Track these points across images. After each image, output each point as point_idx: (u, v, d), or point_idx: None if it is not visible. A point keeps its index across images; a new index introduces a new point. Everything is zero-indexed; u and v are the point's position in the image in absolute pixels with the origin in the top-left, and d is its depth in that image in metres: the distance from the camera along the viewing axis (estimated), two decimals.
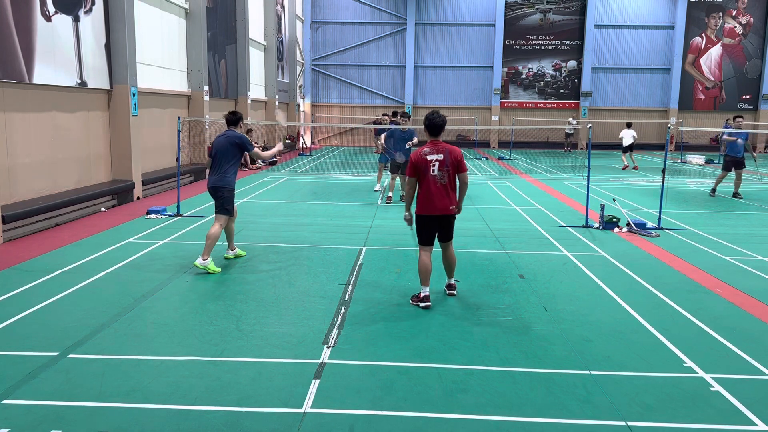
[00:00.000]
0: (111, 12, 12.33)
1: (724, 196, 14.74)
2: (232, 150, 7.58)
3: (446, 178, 6.18)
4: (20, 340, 5.13)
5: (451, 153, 6.20)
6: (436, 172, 6.16)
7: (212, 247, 7.34)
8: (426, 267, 6.25)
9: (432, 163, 6.16)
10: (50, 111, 10.54)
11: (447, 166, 6.17)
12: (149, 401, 4.12)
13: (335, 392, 4.30)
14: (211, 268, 7.31)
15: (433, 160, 6.16)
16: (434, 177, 6.16)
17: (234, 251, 8.12)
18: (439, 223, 6.29)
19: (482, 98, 33.45)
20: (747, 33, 32.68)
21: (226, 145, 7.58)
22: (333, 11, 33.15)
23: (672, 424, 3.95)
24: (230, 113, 7.83)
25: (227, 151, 7.58)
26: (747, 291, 6.87)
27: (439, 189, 6.17)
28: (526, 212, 12.00)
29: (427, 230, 6.31)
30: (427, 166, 6.17)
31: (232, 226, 8.02)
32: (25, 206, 9.33)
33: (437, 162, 6.16)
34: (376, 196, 13.87)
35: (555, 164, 23.33)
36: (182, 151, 15.47)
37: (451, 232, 6.45)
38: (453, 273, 6.65)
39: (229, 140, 7.57)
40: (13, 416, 3.90)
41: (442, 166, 6.17)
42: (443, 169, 6.17)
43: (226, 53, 20.07)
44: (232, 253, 8.09)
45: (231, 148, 7.57)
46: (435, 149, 6.21)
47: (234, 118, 7.81)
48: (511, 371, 4.69)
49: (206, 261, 7.29)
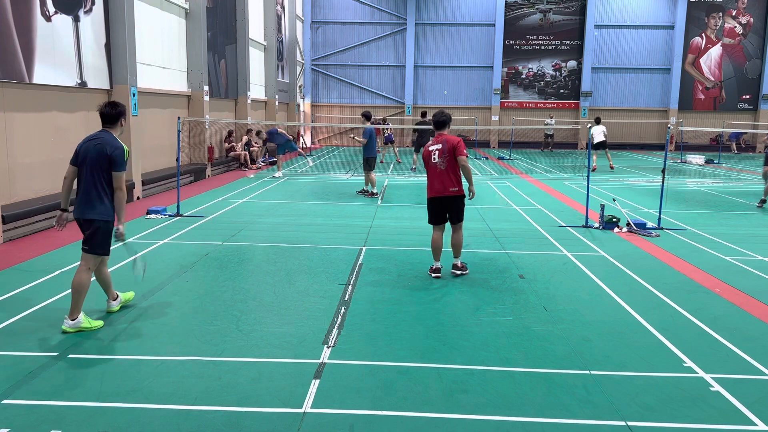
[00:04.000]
0: (111, 12, 12.33)
1: (728, 197, 14.73)
2: (103, 164, 5.33)
3: (445, 164, 7.11)
4: (20, 340, 5.13)
5: (447, 142, 7.15)
6: (437, 160, 7.17)
7: (81, 302, 5.36)
8: (435, 244, 7.30)
9: (433, 153, 7.20)
10: (50, 111, 10.54)
11: (445, 153, 7.11)
12: (149, 401, 4.12)
13: (335, 392, 4.30)
14: (87, 326, 5.35)
15: (434, 150, 7.19)
16: (435, 164, 7.18)
17: (118, 299, 5.90)
18: (442, 204, 7.23)
19: (482, 98, 33.45)
20: (747, 33, 32.67)
21: (95, 155, 5.33)
22: (333, 11, 33.15)
23: (672, 424, 3.95)
24: (108, 105, 5.55)
25: (96, 165, 5.33)
26: (747, 291, 6.87)
27: (440, 174, 7.15)
28: (526, 212, 12.00)
29: (434, 210, 7.32)
30: (430, 155, 7.22)
31: (106, 270, 5.73)
32: (25, 206, 9.33)
33: (437, 151, 7.17)
34: (375, 197, 13.87)
35: (555, 164, 23.33)
36: (182, 151, 15.47)
37: (458, 215, 7.30)
38: (459, 254, 7.39)
39: (100, 150, 5.33)
40: (13, 416, 3.90)
41: (441, 154, 7.14)
42: (442, 156, 7.13)
43: (226, 53, 20.07)
44: (116, 304, 5.87)
45: (100, 160, 5.32)
46: (437, 141, 7.25)
47: (113, 112, 5.50)
48: (511, 371, 4.69)
49: (77, 320, 5.30)
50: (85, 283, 5.37)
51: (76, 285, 5.35)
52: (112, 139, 5.44)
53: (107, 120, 5.52)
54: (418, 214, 11.71)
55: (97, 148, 5.34)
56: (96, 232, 5.39)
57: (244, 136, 20.50)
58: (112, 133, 5.52)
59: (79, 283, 5.35)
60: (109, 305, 5.85)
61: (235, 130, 20.69)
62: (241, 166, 19.96)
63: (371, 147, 13.74)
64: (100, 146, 5.34)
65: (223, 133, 19.95)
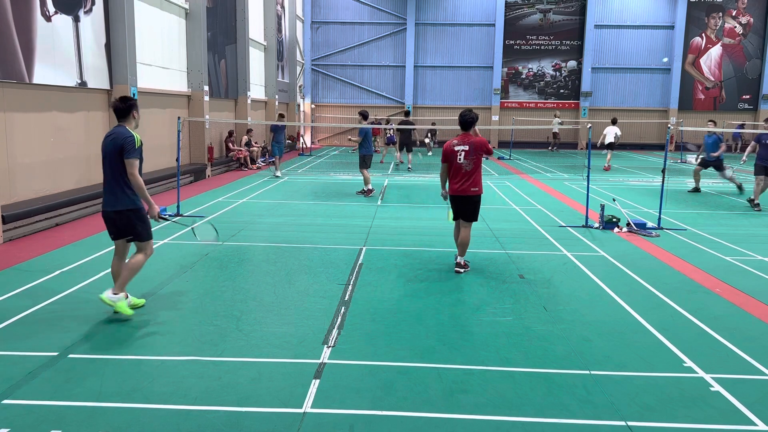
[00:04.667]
0: (111, 12, 12.33)
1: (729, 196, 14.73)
2: (118, 156, 5.57)
3: (471, 166, 7.35)
4: (20, 340, 5.13)
5: (474, 144, 7.35)
6: (462, 161, 7.36)
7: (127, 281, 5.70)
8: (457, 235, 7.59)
9: (459, 153, 7.37)
10: (50, 111, 10.54)
11: (472, 155, 7.33)
12: (149, 401, 4.12)
13: (335, 392, 4.30)
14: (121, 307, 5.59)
15: (460, 151, 7.37)
16: (460, 164, 7.37)
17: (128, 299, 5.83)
18: (463, 202, 7.45)
19: (482, 98, 33.44)
20: (747, 33, 32.67)
21: (111, 149, 5.59)
22: (333, 11, 33.14)
23: (672, 424, 3.95)
24: (119, 99, 5.74)
25: (114, 158, 5.59)
26: (747, 291, 6.87)
27: (464, 174, 7.36)
28: (526, 212, 12.00)
29: (456, 207, 7.58)
30: (455, 155, 7.39)
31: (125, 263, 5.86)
32: (25, 206, 9.33)
33: (463, 152, 7.36)
34: (375, 197, 13.87)
35: (555, 164, 23.33)
36: (182, 151, 15.47)
37: (473, 214, 7.51)
38: (464, 252, 7.54)
39: (114, 143, 5.58)
40: (13, 416, 3.90)
41: (468, 155, 7.34)
42: (468, 158, 7.34)
43: (226, 53, 20.07)
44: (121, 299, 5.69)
45: (115, 153, 5.56)
46: (462, 141, 7.42)
47: (124, 106, 5.68)
48: (511, 371, 4.69)
49: (119, 296, 5.59)
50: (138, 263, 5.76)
51: (131, 264, 5.73)
52: (124, 130, 5.66)
53: (120, 114, 5.73)
54: (418, 214, 11.71)
55: (112, 142, 5.60)
56: (129, 221, 5.70)
57: (244, 136, 20.49)
58: (126, 126, 5.73)
59: (134, 264, 5.74)
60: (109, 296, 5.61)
61: (236, 130, 20.69)
62: (241, 166, 19.96)
63: (366, 145, 13.84)
64: (114, 140, 5.60)
65: (224, 133, 19.94)
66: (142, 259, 5.82)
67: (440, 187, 7.77)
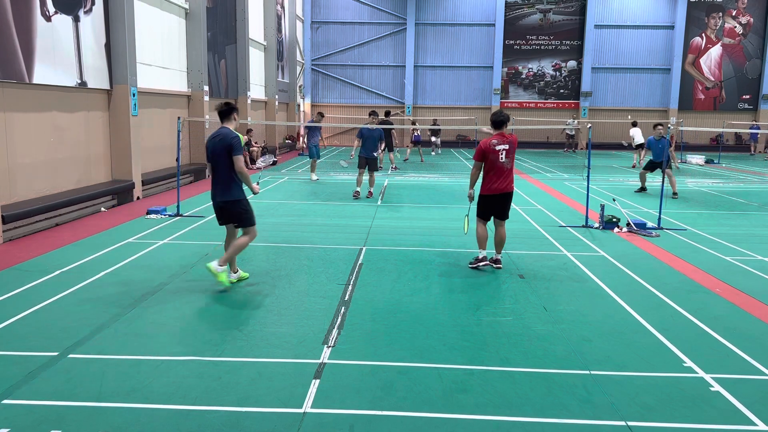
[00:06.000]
0: (111, 12, 12.33)
1: (725, 196, 14.72)
2: (226, 154, 6.49)
3: (510, 163, 7.50)
4: (20, 340, 5.13)
5: (513, 143, 7.48)
6: (504, 159, 7.43)
7: (233, 256, 6.71)
8: (482, 235, 7.62)
9: (500, 152, 7.41)
10: (50, 111, 10.54)
11: (512, 152, 7.46)
12: (149, 401, 4.12)
13: (335, 392, 4.30)
14: (223, 277, 6.49)
15: (502, 150, 7.41)
16: (502, 164, 7.43)
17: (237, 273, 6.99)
18: (501, 200, 7.53)
19: (482, 98, 33.45)
20: (747, 33, 32.68)
21: (220, 149, 6.52)
22: (333, 11, 33.15)
23: (672, 424, 3.95)
24: (224, 104, 6.75)
25: (223, 156, 6.51)
26: (747, 291, 6.87)
27: (506, 172, 7.48)
28: (526, 212, 12.00)
29: (490, 207, 7.58)
30: (497, 155, 7.42)
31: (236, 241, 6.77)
32: (25, 206, 9.33)
33: (504, 151, 7.42)
34: (375, 196, 13.86)
35: (555, 164, 23.33)
36: (182, 151, 15.46)
37: (508, 211, 7.65)
38: (501, 249, 7.75)
39: (223, 142, 6.50)
40: (13, 416, 3.90)
41: (509, 154, 7.44)
42: (509, 156, 7.46)
43: (226, 53, 20.07)
44: (235, 276, 6.95)
45: (224, 151, 6.49)
46: (502, 140, 7.46)
47: (226, 109, 6.69)
48: (511, 371, 4.69)
49: (224, 268, 6.51)
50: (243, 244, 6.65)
51: (237, 244, 6.62)
52: (229, 131, 6.57)
53: (223, 116, 6.68)
54: (418, 214, 11.71)
55: (221, 142, 6.48)
56: (239, 209, 6.62)
57: (244, 136, 20.46)
58: (228, 126, 6.65)
59: (240, 243, 6.63)
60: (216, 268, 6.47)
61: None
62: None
63: (366, 147, 13.47)
64: (222, 140, 6.48)
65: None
66: (247, 240, 6.70)
67: (468, 187, 7.83)
